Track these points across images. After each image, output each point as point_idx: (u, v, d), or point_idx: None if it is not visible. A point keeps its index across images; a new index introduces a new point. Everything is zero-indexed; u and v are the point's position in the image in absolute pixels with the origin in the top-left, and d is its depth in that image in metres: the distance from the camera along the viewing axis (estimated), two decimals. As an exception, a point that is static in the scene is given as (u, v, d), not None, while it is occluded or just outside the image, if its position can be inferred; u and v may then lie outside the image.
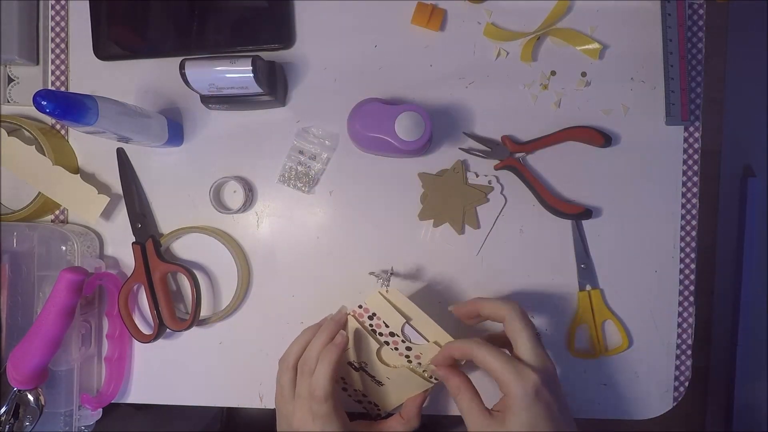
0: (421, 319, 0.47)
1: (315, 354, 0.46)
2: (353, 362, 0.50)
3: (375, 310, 0.48)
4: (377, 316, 0.48)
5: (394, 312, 0.47)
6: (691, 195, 0.55)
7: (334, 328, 0.48)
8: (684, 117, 0.53)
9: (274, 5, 0.55)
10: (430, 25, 0.54)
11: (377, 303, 0.48)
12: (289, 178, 0.56)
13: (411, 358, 0.49)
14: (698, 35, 0.55)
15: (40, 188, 0.54)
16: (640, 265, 0.55)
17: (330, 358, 0.46)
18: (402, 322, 0.47)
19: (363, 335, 0.49)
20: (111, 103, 0.46)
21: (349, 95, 0.54)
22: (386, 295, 0.47)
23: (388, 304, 0.47)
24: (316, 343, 0.47)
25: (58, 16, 0.57)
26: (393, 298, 0.48)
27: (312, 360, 0.46)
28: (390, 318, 0.48)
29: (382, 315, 0.48)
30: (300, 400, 0.46)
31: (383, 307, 0.47)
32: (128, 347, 0.58)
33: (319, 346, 0.47)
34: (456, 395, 0.44)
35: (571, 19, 0.55)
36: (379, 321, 0.48)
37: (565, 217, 0.54)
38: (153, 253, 0.55)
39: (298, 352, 0.48)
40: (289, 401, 0.47)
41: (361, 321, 0.48)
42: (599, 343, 0.55)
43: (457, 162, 0.54)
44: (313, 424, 0.45)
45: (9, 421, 0.50)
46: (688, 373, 0.56)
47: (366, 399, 0.53)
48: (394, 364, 0.49)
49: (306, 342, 0.48)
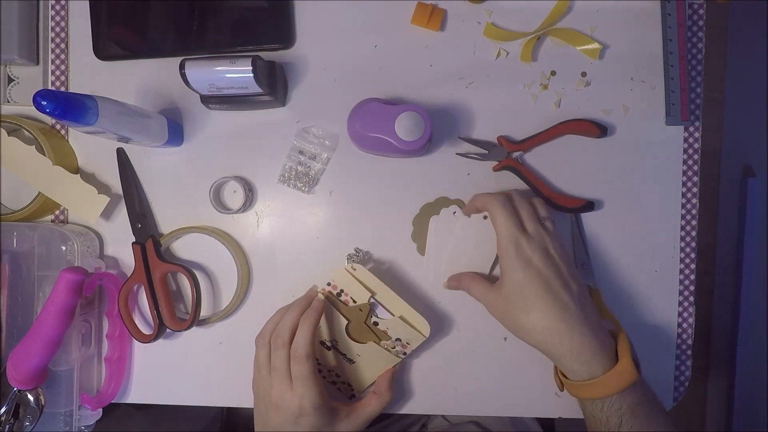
0: (386, 294, 0.51)
1: (288, 326, 0.48)
2: (325, 341, 0.53)
3: (342, 287, 0.51)
4: (345, 293, 0.51)
5: (360, 287, 0.51)
6: (691, 195, 0.55)
7: (305, 303, 0.51)
8: (684, 117, 0.53)
9: (274, 5, 0.55)
10: (430, 25, 0.54)
11: (344, 279, 0.51)
12: (289, 178, 0.56)
13: (378, 334, 0.52)
14: (698, 35, 0.55)
15: (40, 188, 0.54)
16: (640, 265, 0.55)
17: (309, 320, 0.48)
18: (368, 296, 0.51)
19: (333, 312, 0.52)
20: (111, 103, 0.46)
21: (349, 95, 0.54)
22: (352, 271, 0.51)
23: (354, 280, 0.51)
24: (288, 317, 0.49)
25: (58, 16, 0.57)
26: (359, 275, 0.51)
27: (285, 331, 0.48)
28: (357, 293, 0.51)
29: (350, 291, 0.51)
30: (276, 372, 0.48)
31: (350, 282, 0.51)
32: (128, 347, 0.58)
33: (291, 319, 0.49)
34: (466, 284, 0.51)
35: (571, 19, 0.55)
36: (347, 297, 0.51)
37: (567, 211, 0.55)
38: (153, 253, 0.55)
39: (273, 329, 0.50)
40: (266, 377, 0.49)
41: (331, 299, 0.52)
42: (599, 343, 0.55)
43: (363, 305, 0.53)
44: (292, 389, 0.47)
45: (9, 421, 0.50)
46: (688, 373, 0.56)
47: (340, 380, 0.55)
48: (362, 339, 0.52)
49: (279, 319, 0.50)
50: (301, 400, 0.46)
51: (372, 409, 0.51)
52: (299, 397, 0.46)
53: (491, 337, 0.56)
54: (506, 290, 0.47)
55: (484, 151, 0.55)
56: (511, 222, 0.47)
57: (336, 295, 0.51)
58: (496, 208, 0.48)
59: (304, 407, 0.46)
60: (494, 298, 0.48)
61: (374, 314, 0.51)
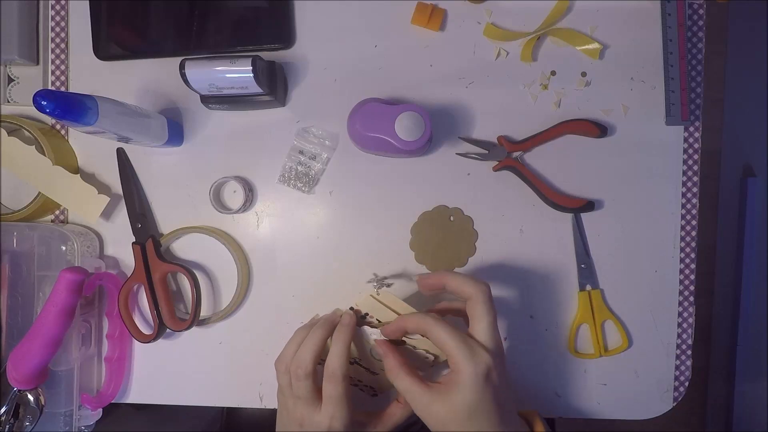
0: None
1: (310, 353, 0.45)
2: (351, 358, 0.50)
3: (367, 311, 0.48)
4: (369, 315, 0.48)
5: (386, 310, 0.47)
6: (691, 195, 0.55)
7: (328, 326, 0.47)
8: (684, 117, 0.53)
9: (274, 5, 0.55)
10: (430, 25, 0.54)
11: (369, 304, 0.48)
12: (289, 178, 0.56)
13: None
14: (698, 35, 0.55)
15: (40, 188, 0.54)
16: (640, 265, 0.55)
17: (342, 338, 0.45)
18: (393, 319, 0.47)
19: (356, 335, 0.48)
20: (111, 103, 0.46)
21: (349, 95, 0.54)
22: (377, 297, 0.47)
23: (380, 305, 0.47)
24: (309, 342, 0.46)
25: (58, 16, 0.57)
26: (385, 300, 0.47)
27: (308, 360, 0.45)
28: (382, 316, 0.48)
29: (375, 314, 0.48)
30: (300, 401, 0.45)
31: (375, 307, 0.47)
32: (128, 347, 0.58)
33: (312, 345, 0.45)
34: (393, 374, 0.44)
35: (571, 19, 0.55)
36: (372, 319, 0.48)
37: (567, 211, 0.55)
38: (153, 253, 0.55)
39: (293, 354, 0.47)
40: (289, 399, 0.47)
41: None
42: (599, 343, 0.55)
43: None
44: (321, 410, 0.45)
45: (9, 421, 0.50)
46: (688, 373, 0.56)
47: (362, 383, 0.53)
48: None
49: (300, 341, 0.47)
50: (331, 421, 0.44)
51: (397, 419, 0.49)
52: (330, 419, 0.44)
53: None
54: (457, 404, 0.41)
55: (484, 151, 0.55)
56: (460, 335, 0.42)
57: (361, 318, 0.48)
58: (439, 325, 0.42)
59: (333, 427, 0.44)
60: (439, 409, 0.41)
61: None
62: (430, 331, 0.43)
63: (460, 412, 0.41)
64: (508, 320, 0.56)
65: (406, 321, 0.45)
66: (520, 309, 0.56)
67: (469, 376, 0.40)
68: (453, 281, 0.46)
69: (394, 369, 0.44)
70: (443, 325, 0.42)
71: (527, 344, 0.56)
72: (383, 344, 0.46)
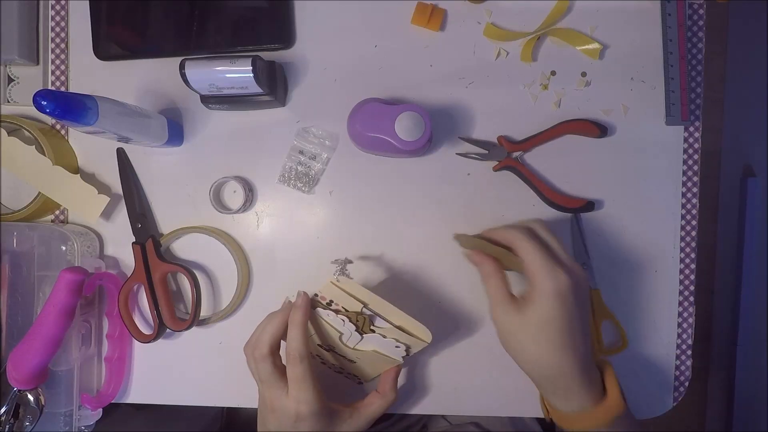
0: (380, 304, 0.47)
1: (268, 335, 0.46)
2: (322, 345, 0.50)
3: (331, 297, 0.48)
4: (335, 303, 0.48)
5: (349, 298, 0.47)
6: (691, 195, 0.55)
7: (288, 308, 0.47)
8: (684, 117, 0.53)
9: (274, 5, 0.55)
10: (430, 25, 0.54)
11: (331, 291, 0.47)
12: (289, 178, 0.56)
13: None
14: (698, 35, 0.55)
15: (40, 188, 0.54)
16: (640, 265, 0.55)
17: (297, 318, 0.46)
18: (359, 307, 0.47)
19: (323, 323, 0.48)
20: (111, 103, 0.46)
21: (349, 95, 0.54)
22: (338, 284, 0.47)
23: (343, 292, 0.47)
24: (266, 327, 0.47)
25: (58, 16, 0.57)
26: (347, 287, 0.47)
27: (264, 342, 0.46)
28: (348, 304, 0.48)
29: (340, 301, 0.48)
30: (264, 384, 0.46)
31: (339, 295, 0.47)
32: (128, 347, 0.58)
33: (271, 327, 0.46)
34: (486, 279, 0.47)
35: (571, 19, 0.55)
36: (338, 306, 0.48)
37: (567, 211, 0.55)
38: (153, 253, 0.55)
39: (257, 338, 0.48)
40: (258, 382, 0.48)
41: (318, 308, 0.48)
42: (599, 343, 0.55)
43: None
44: (288, 394, 0.45)
45: (9, 421, 0.50)
46: (688, 373, 0.56)
47: (344, 371, 0.53)
48: (358, 348, 0.49)
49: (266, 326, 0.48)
50: (297, 405, 0.44)
51: (375, 408, 0.49)
52: (296, 402, 0.44)
53: (491, 337, 0.56)
54: (529, 317, 0.43)
55: (484, 151, 0.55)
56: (545, 253, 0.44)
57: (326, 305, 0.48)
58: (524, 242, 0.45)
59: (301, 412, 0.44)
60: (511, 320, 0.44)
61: (372, 324, 0.48)
62: (516, 245, 0.45)
63: (528, 326, 0.43)
64: (508, 320, 0.56)
65: (495, 232, 0.47)
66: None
67: (545, 293, 0.42)
68: (496, 234, 0.47)
69: (486, 273, 0.47)
70: (529, 241, 0.44)
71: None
72: (476, 254, 0.48)
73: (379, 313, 0.48)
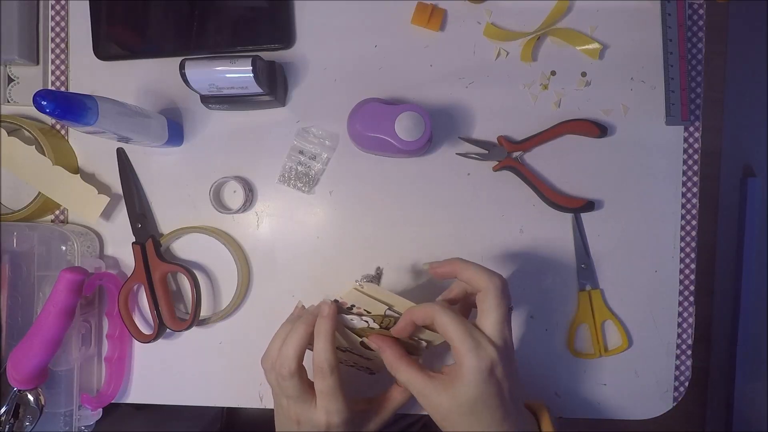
0: (403, 304, 0.45)
1: (293, 350, 0.44)
2: (339, 347, 0.49)
3: (353, 302, 0.46)
4: (356, 307, 0.46)
5: (373, 302, 0.45)
6: (691, 195, 0.55)
7: (311, 318, 0.45)
8: (684, 117, 0.53)
9: (274, 5, 0.55)
10: (430, 25, 0.54)
11: (354, 297, 0.46)
12: (289, 178, 0.56)
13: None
14: (698, 35, 0.55)
15: (40, 188, 0.54)
16: (640, 265, 0.55)
17: (324, 330, 0.44)
18: (384, 309, 0.46)
19: (342, 328, 0.47)
20: (111, 103, 0.46)
21: (349, 95, 0.54)
22: (362, 289, 0.45)
23: (366, 296, 0.45)
24: (291, 341, 0.44)
25: (58, 16, 0.57)
26: (369, 291, 0.45)
27: (291, 358, 0.44)
28: (369, 307, 0.46)
29: (361, 305, 0.46)
30: (291, 400, 0.44)
31: (361, 299, 0.46)
32: (128, 347, 0.58)
33: (295, 341, 0.44)
34: (394, 367, 0.44)
35: (571, 19, 0.55)
36: (360, 309, 0.46)
37: (567, 211, 0.55)
38: (153, 253, 0.55)
39: (278, 350, 0.45)
40: (280, 397, 0.46)
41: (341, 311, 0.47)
42: (599, 343, 0.55)
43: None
44: (317, 406, 0.43)
45: (9, 421, 0.50)
46: (688, 373, 0.56)
47: (357, 365, 0.53)
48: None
49: (285, 337, 0.45)
50: (328, 416, 0.43)
51: (398, 402, 0.48)
52: (326, 413, 0.43)
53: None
54: (460, 397, 0.40)
55: (484, 151, 0.55)
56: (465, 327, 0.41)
57: (348, 309, 0.46)
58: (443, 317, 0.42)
59: (332, 423, 0.43)
60: (441, 401, 0.41)
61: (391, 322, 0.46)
62: (437, 321, 0.42)
63: (462, 405, 0.40)
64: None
65: (413, 313, 0.44)
66: (520, 309, 0.56)
67: (472, 369, 0.40)
68: (465, 271, 0.44)
69: (393, 362, 0.44)
70: (450, 314, 0.42)
71: (527, 344, 0.56)
72: (377, 338, 0.45)
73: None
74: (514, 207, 0.55)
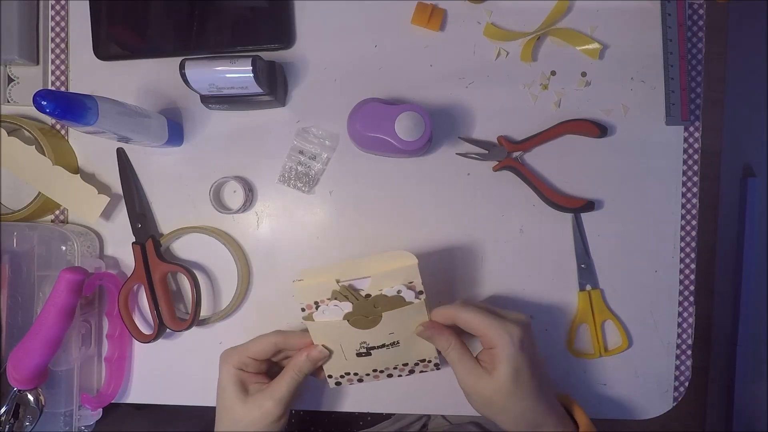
0: (350, 268, 0.45)
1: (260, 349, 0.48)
2: (358, 351, 0.48)
3: (314, 299, 0.45)
4: (319, 301, 0.45)
5: (323, 285, 0.45)
6: (691, 195, 0.55)
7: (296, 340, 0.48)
8: (684, 117, 0.53)
9: (274, 5, 0.55)
10: (430, 25, 0.54)
11: (307, 293, 0.45)
12: (289, 178, 0.56)
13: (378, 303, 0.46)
14: (698, 35, 0.55)
15: (40, 188, 0.54)
16: (640, 265, 0.55)
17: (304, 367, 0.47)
18: (333, 284, 0.45)
19: (340, 329, 0.46)
20: (111, 103, 0.46)
21: (349, 95, 0.54)
22: (301, 281, 0.45)
23: (315, 283, 0.45)
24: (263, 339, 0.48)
25: (58, 16, 0.57)
26: (313, 277, 0.44)
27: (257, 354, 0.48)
28: (323, 293, 0.45)
29: (321, 295, 0.45)
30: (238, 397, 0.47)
31: (314, 290, 0.45)
32: (128, 347, 0.58)
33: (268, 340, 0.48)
34: (446, 351, 0.46)
35: (571, 19, 0.55)
36: (322, 300, 0.45)
37: (567, 211, 0.55)
38: (153, 253, 0.55)
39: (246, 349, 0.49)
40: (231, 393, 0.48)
41: (313, 315, 0.46)
42: (599, 343, 0.55)
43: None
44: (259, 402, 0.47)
45: (9, 421, 0.50)
46: (688, 373, 0.56)
47: (410, 365, 0.50)
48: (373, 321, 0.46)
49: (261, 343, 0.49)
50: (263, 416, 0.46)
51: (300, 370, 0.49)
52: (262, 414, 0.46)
53: (491, 337, 0.56)
54: (501, 376, 0.43)
55: (484, 151, 0.55)
56: (487, 313, 0.45)
57: (315, 308, 0.46)
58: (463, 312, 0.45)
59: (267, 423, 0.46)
60: (485, 386, 0.44)
61: (354, 291, 0.45)
62: (458, 320, 0.45)
63: (503, 385, 0.43)
64: (508, 320, 0.56)
65: (436, 316, 0.47)
66: (520, 309, 0.56)
67: (507, 349, 0.43)
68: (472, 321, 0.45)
69: (444, 345, 0.46)
70: (470, 308, 0.45)
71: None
72: (430, 326, 0.46)
73: (355, 277, 0.45)
74: (514, 207, 0.55)
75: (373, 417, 0.65)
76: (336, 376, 0.50)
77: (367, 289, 0.45)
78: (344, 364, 0.49)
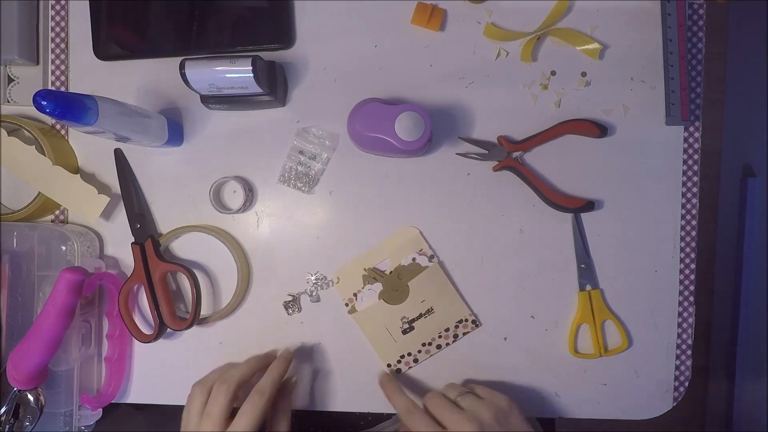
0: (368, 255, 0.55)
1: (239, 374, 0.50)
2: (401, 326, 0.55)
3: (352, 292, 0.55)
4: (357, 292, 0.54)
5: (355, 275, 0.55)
6: (691, 195, 0.55)
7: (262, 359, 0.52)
8: (684, 117, 0.53)
9: (274, 5, 0.55)
10: (430, 25, 0.54)
11: (345, 289, 0.55)
12: (289, 178, 0.56)
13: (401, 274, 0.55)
14: (698, 35, 0.55)
15: (40, 188, 0.54)
16: (640, 265, 0.55)
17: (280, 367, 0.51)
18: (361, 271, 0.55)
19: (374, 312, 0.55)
20: (111, 103, 0.46)
21: (349, 95, 0.54)
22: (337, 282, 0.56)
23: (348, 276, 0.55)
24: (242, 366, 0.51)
25: (58, 16, 0.57)
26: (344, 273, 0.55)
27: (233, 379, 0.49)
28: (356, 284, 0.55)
29: (355, 288, 0.55)
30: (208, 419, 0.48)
31: (349, 284, 0.55)
32: (128, 347, 0.58)
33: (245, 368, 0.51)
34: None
35: (571, 19, 0.55)
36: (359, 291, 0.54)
37: (567, 211, 0.55)
38: (152, 252, 0.55)
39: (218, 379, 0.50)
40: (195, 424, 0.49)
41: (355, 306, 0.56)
42: (599, 343, 0.55)
43: None
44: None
45: (9, 421, 0.50)
46: (688, 373, 0.56)
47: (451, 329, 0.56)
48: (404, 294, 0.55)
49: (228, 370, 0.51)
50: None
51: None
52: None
53: (491, 338, 0.56)
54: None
55: (484, 151, 0.55)
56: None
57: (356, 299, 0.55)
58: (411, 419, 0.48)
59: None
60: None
61: (379, 272, 0.55)
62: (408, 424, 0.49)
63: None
64: (508, 320, 0.56)
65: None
66: (520, 309, 0.56)
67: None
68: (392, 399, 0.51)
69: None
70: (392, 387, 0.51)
71: (527, 344, 0.56)
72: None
73: (376, 262, 0.54)
74: (514, 207, 0.55)
75: (373, 417, 0.65)
76: (393, 363, 0.56)
77: (388, 267, 0.55)
78: (395, 346, 0.56)
